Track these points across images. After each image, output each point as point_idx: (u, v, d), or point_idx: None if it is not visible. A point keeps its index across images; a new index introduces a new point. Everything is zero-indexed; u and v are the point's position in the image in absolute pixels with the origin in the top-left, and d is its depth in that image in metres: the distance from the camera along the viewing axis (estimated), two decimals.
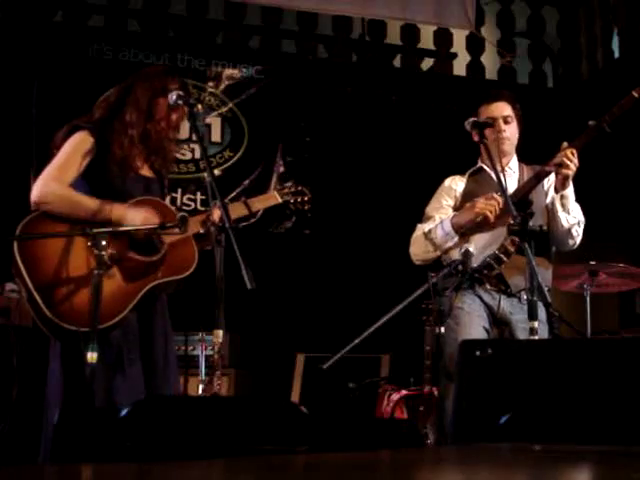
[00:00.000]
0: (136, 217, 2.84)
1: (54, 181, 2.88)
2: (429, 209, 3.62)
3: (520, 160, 3.62)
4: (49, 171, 2.92)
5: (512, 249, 3.25)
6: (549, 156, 3.51)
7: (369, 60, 6.49)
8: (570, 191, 3.37)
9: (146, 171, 3.08)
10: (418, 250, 3.54)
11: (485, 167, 3.58)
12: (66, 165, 2.91)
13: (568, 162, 3.23)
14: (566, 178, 3.26)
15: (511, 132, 3.49)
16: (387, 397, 4.47)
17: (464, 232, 3.39)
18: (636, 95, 3.24)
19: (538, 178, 3.37)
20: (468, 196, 3.53)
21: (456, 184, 3.62)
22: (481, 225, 3.32)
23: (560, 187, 3.31)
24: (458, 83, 6.41)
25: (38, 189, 2.87)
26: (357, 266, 5.74)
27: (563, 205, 3.34)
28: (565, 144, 3.27)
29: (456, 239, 3.41)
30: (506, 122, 3.47)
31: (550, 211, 3.38)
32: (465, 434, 2.02)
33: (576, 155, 3.24)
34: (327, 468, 1.47)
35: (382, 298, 3.34)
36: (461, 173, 3.66)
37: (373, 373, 5.13)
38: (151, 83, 3.02)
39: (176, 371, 3.07)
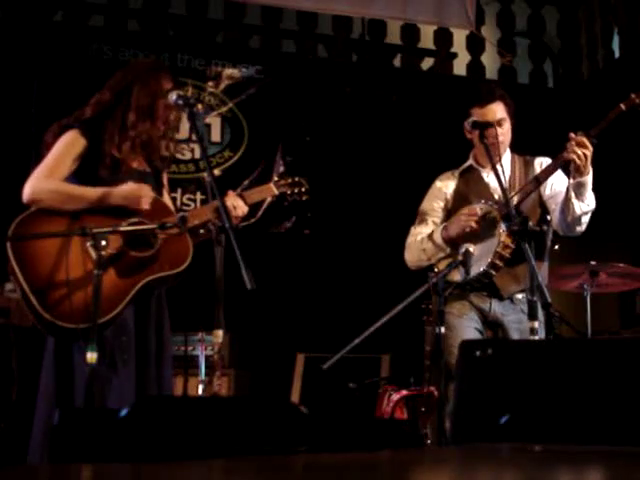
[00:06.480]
0: (132, 192, 2.88)
1: (45, 178, 2.90)
2: (422, 210, 3.64)
3: (512, 151, 3.60)
4: (40, 170, 2.94)
5: (507, 254, 3.25)
6: (548, 156, 3.51)
7: (369, 60, 6.49)
8: (589, 179, 3.28)
9: (141, 165, 3.08)
10: (412, 258, 3.59)
11: (475, 165, 3.59)
12: (56, 164, 2.93)
13: (577, 150, 3.16)
14: (578, 166, 3.19)
15: (505, 133, 3.45)
16: (387, 397, 4.45)
17: (455, 242, 3.41)
18: (623, 108, 3.21)
19: (538, 181, 3.36)
20: (458, 197, 3.56)
21: (446, 186, 3.62)
22: (469, 235, 3.34)
23: (577, 174, 3.23)
24: (458, 83, 6.40)
25: (29, 188, 2.90)
26: (357, 266, 5.74)
27: (579, 193, 3.27)
28: (571, 135, 3.21)
29: (447, 250, 3.46)
30: (500, 125, 3.42)
31: (564, 197, 3.32)
32: (465, 434, 2.02)
33: (585, 143, 3.15)
34: (327, 468, 1.47)
35: (382, 298, 3.34)
36: (454, 168, 3.66)
37: (373, 373, 5.12)
38: (149, 85, 3.02)
39: (170, 371, 3.06)
